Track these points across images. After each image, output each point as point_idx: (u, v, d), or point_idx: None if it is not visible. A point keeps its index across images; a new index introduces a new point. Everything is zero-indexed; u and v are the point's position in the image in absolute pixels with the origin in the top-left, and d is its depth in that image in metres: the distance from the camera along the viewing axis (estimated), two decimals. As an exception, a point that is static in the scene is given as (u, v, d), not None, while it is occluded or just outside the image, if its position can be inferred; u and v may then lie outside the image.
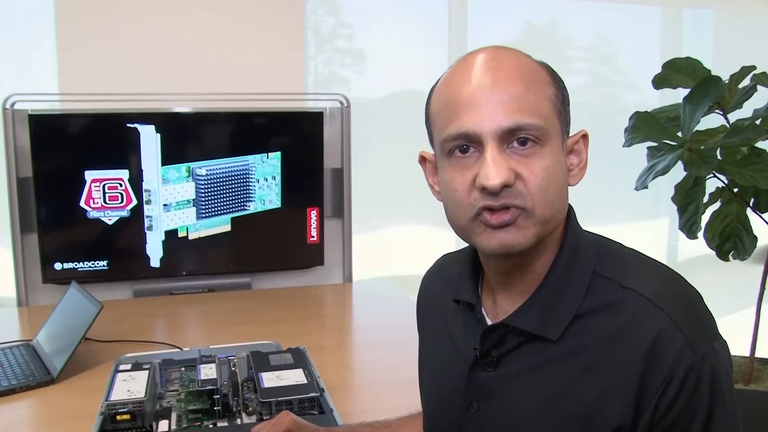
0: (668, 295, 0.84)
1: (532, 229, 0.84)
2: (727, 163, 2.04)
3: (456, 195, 0.86)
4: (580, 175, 0.91)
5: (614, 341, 0.83)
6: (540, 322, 0.87)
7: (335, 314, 2.67)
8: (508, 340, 0.91)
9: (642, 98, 3.41)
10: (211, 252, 2.71)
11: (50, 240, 2.53)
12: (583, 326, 0.86)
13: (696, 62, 2.15)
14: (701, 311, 0.85)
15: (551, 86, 0.87)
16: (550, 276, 0.89)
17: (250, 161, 2.65)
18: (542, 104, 0.84)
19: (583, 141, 0.91)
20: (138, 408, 1.42)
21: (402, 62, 3.12)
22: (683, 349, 0.79)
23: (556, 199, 0.85)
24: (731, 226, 2.16)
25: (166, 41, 2.66)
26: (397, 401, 1.47)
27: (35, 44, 2.63)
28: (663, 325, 0.81)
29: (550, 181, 0.83)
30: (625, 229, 3.43)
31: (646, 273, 0.88)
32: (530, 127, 0.82)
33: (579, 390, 0.84)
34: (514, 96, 0.82)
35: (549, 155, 0.84)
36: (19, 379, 1.80)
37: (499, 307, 0.94)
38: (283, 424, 1.13)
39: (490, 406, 0.93)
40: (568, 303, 0.87)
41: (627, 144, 2.07)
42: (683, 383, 0.79)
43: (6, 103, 2.45)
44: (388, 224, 3.22)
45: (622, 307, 0.84)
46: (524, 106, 0.82)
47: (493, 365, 0.92)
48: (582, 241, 0.91)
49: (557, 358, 0.86)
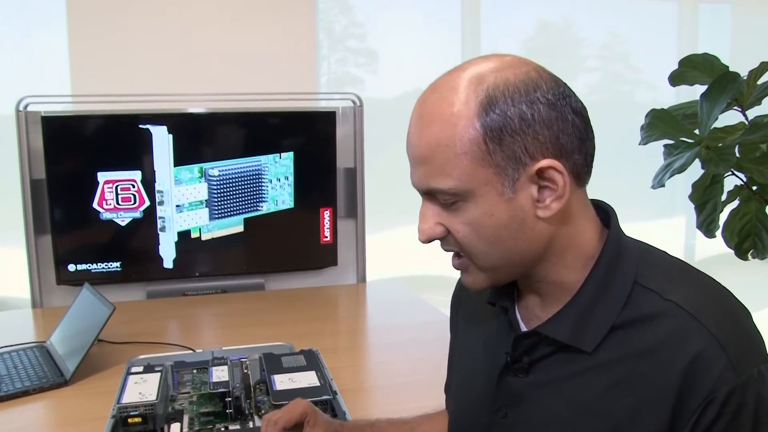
0: (712, 309, 0.80)
1: (481, 275, 0.87)
2: (745, 161, 2.01)
3: None
4: (559, 204, 0.81)
5: (651, 356, 0.79)
6: (574, 332, 0.84)
7: (349, 315, 2.65)
8: (540, 347, 0.88)
9: (656, 96, 3.38)
10: (224, 253, 2.70)
11: (64, 241, 2.53)
12: (620, 338, 0.82)
13: (714, 58, 2.12)
14: (749, 330, 0.81)
15: (474, 128, 0.78)
16: (588, 284, 0.85)
17: (262, 161, 2.64)
18: (452, 163, 0.80)
19: (551, 169, 0.80)
20: (149, 411, 1.41)
21: (415, 61, 3.10)
22: (726, 370, 0.75)
23: (492, 250, 0.83)
24: (750, 224, 2.12)
25: (178, 42, 2.66)
26: (411, 404, 1.45)
27: (47, 46, 2.63)
28: (704, 342, 0.76)
29: (479, 234, 0.82)
30: (641, 228, 3.39)
31: (690, 285, 0.84)
32: (440, 192, 0.82)
33: (611, 404, 0.81)
34: (421, 160, 0.82)
35: (478, 207, 0.81)
36: (33, 380, 1.80)
37: (533, 311, 0.91)
38: (300, 407, 1.10)
39: (519, 412, 0.90)
40: (605, 314, 0.83)
41: (643, 142, 2.04)
42: (723, 406, 0.75)
43: (19, 105, 2.45)
44: (401, 224, 3.20)
45: (662, 321, 0.80)
46: (431, 171, 0.82)
47: (524, 371, 0.90)
48: (624, 249, 0.87)
49: (590, 369, 0.83)
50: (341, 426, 1.14)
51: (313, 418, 1.10)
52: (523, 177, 0.80)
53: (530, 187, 0.81)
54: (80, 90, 2.59)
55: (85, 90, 2.57)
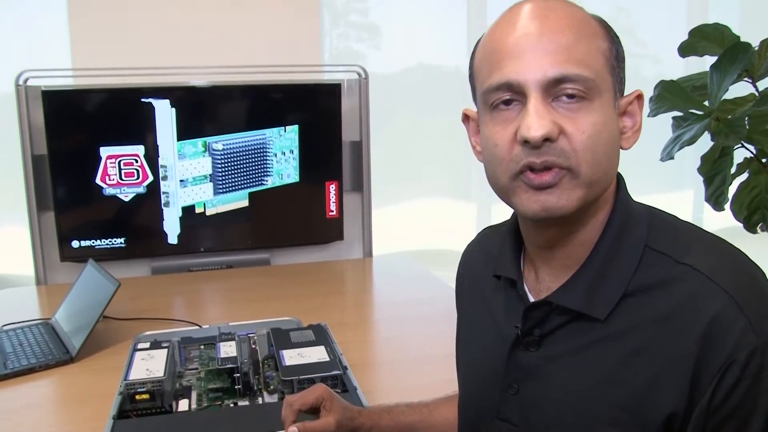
0: (729, 271, 0.78)
1: (577, 191, 0.78)
2: (755, 133, 1.98)
3: (496, 151, 0.80)
4: (634, 139, 0.84)
5: (667, 322, 0.77)
6: (586, 299, 0.82)
7: (355, 290, 2.64)
8: (551, 318, 0.86)
9: (662, 69, 3.34)
10: (229, 228, 2.69)
11: (67, 218, 2.51)
12: (634, 305, 0.80)
13: (725, 28, 2.09)
14: (765, 289, 0.79)
15: (605, 40, 0.81)
16: (598, 249, 0.83)
17: (267, 135, 2.61)
18: (593, 56, 0.78)
19: (637, 102, 0.84)
20: (157, 387, 1.40)
21: (418, 36, 3.06)
22: (745, 332, 0.73)
23: (604, 160, 0.79)
24: (760, 197, 2.10)
25: (180, 14, 2.62)
26: (421, 379, 1.44)
27: (47, 19, 2.58)
28: (722, 304, 0.74)
29: (598, 140, 0.77)
30: (649, 200, 3.34)
31: (704, 247, 0.82)
32: (578, 79, 0.76)
33: (628, 374, 0.79)
34: (562, 45, 0.76)
35: (598, 112, 0.78)
36: (39, 358, 1.79)
37: (542, 283, 0.88)
38: (317, 392, 1.10)
39: (531, 388, 0.88)
40: (617, 279, 0.81)
41: (652, 114, 2.01)
42: (744, 369, 0.73)
43: (19, 79, 2.42)
44: (407, 198, 3.18)
45: (677, 285, 0.78)
46: (573, 56, 0.76)
47: (535, 345, 0.87)
48: (633, 212, 0.85)
49: (604, 339, 0.81)
50: (359, 412, 1.13)
51: (330, 403, 1.09)
52: (621, 102, 0.83)
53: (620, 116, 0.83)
54: (81, 64, 2.55)
55: (86, 64, 2.54)
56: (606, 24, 0.83)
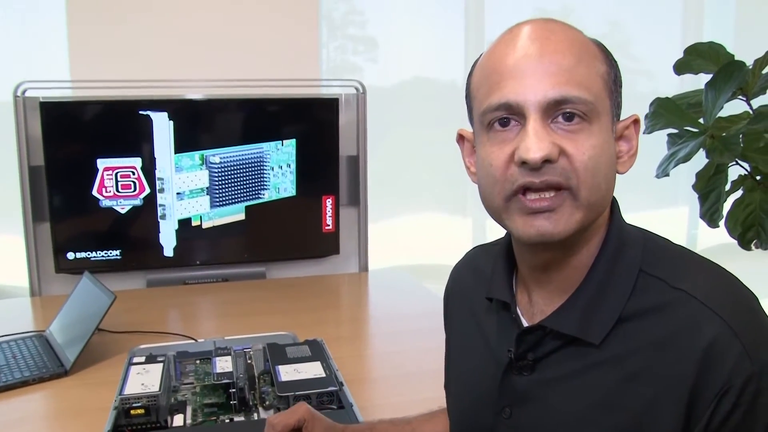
0: (723, 297, 0.78)
1: (576, 215, 0.77)
2: (750, 150, 1.99)
3: (491, 171, 0.79)
4: (630, 163, 0.84)
5: (663, 348, 0.77)
6: (581, 324, 0.82)
7: (351, 304, 2.64)
8: (545, 342, 0.85)
9: (657, 85, 3.36)
10: (225, 241, 2.68)
11: (63, 229, 2.50)
12: (629, 330, 0.80)
13: (719, 47, 2.10)
14: (760, 316, 0.79)
15: (604, 63, 0.81)
16: (593, 273, 0.83)
17: (264, 149, 2.62)
18: (593, 79, 0.78)
19: (634, 126, 0.84)
20: (152, 402, 1.39)
21: (415, 50, 3.07)
22: (741, 358, 0.73)
23: (603, 183, 0.78)
24: (754, 214, 2.11)
25: (178, 27, 2.63)
26: (418, 395, 1.44)
27: (46, 30, 2.59)
28: (718, 330, 0.74)
29: (598, 162, 0.77)
30: (644, 217, 3.38)
31: (699, 272, 0.81)
32: (579, 101, 0.76)
33: (623, 399, 0.79)
34: (563, 67, 0.76)
35: (597, 135, 0.78)
36: (32, 371, 1.78)
37: (536, 306, 0.88)
38: (299, 413, 1.08)
39: (525, 412, 0.87)
40: (611, 304, 0.81)
41: (647, 131, 2.02)
42: (740, 395, 0.73)
43: (17, 90, 2.43)
44: (404, 212, 3.19)
45: (672, 310, 0.78)
46: (573, 78, 0.76)
47: (528, 369, 0.87)
48: (627, 236, 0.85)
49: (600, 364, 0.81)
50: (342, 430, 1.12)
51: (311, 424, 1.08)
52: (617, 126, 0.83)
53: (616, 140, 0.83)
54: (79, 75, 2.56)
55: (85, 75, 2.54)
56: (605, 48, 0.84)
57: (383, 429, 1.16)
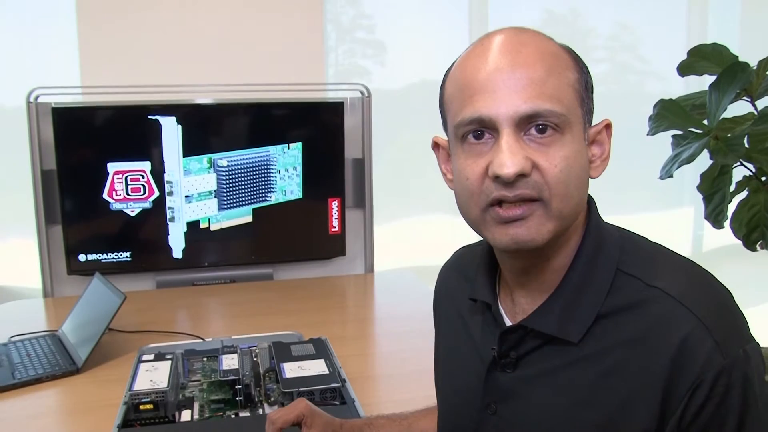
0: (697, 294, 0.79)
1: (548, 225, 0.79)
2: (754, 151, 2.00)
3: (467, 184, 0.81)
4: (603, 167, 0.86)
5: (639, 344, 0.79)
6: (560, 323, 0.83)
7: (357, 305, 2.67)
8: (527, 341, 0.87)
9: (665, 86, 3.36)
10: (233, 243, 2.72)
11: (74, 232, 2.55)
12: (606, 327, 0.82)
13: (723, 48, 2.11)
14: (733, 312, 0.80)
15: (574, 71, 0.82)
16: (571, 274, 0.85)
17: (271, 152, 2.65)
18: (564, 90, 0.79)
19: (606, 131, 0.86)
20: (161, 398, 1.43)
21: (423, 53, 3.10)
22: (713, 353, 0.75)
23: (575, 193, 0.80)
24: (759, 215, 2.12)
25: (186, 33, 2.67)
26: (419, 392, 1.46)
27: (57, 37, 2.64)
28: (691, 327, 0.76)
29: (570, 173, 0.78)
30: (649, 218, 3.39)
31: (674, 270, 0.83)
32: (551, 114, 0.77)
33: (601, 395, 0.81)
34: (533, 80, 0.77)
35: (570, 144, 0.79)
36: (45, 368, 1.82)
37: (518, 305, 0.90)
38: (298, 409, 1.12)
39: (509, 408, 0.89)
40: (589, 303, 0.83)
41: (651, 132, 2.03)
42: (712, 389, 0.74)
43: (29, 96, 2.47)
44: (409, 214, 3.21)
45: (647, 308, 0.79)
46: (544, 91, 0.77)
47: (511, 366, 0.89)
48: (605, 235, 0.87)
49: (579, 361, 0.82)
50: (340, 426, 1.15)
51: (310, 419, 1.11)
52: (590, 132, 0.85)
53: (588, 145, 0.85)
54: (90, 81, 2.60)
55: (95, 81, 2.58)
56: (575, 54, 0.85)
57: (381, 424, 1.19)
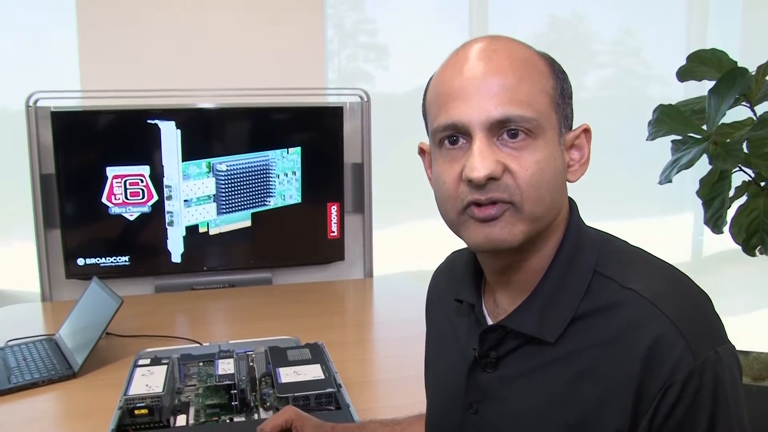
0: (671, 296, 0.80)
1: (520, 226, 0.81)
2: (753, 156, 2.00)
3: (444, 188, 0.84)
4: (582, 171, 0.87)
5: (612, 345, 0.79)
6: (538, 323, 0.84)
7: (355, 310, 2.66)
8: (506, 341, 0.88)
9: (668, 91, 3.35)
10: (232, 247, 2.72)
11: (73, 236, 2.55)
12: (582, 328, 0.82)
13: (722, 53, 2.11)
14: (706, 314, 0.81)
15: (550, 78, 0.83)
16: (549, 275, 0.86)
17: (270, 156, 2.65)
18: (536, 96, 0.81)
19: (584, 135, 0.87)
20: (156, 402, 1.42)
21: (425, 57, 3.10)
22: (684, 355, 0.75)
23: (548, 196, 0.81)
24: (758, 220, 2.11)
25: (186, 37, 2.67)
26: (416, 398, 1.45)
27: (57, 41, 2.64)
28: (663, 328, 0.76)
29: (541, 177, 0.80)
30: (649, 223, 3.38)
31: (650, 273, 0.84)
32: (522, 119, 0.79)
33: (576, 395, 0.81)
34: (505, 86, 0.79)
35: (542, 149, 0.80)
36: (42, 373, 1.82)
37: (500, 306, 0.91)
38: (286, 413, 1.13)
39: (488, 408, 0.90)
40: (566, 304, 0.84)
41: (651, 137, 2.03)
42: (683, 390, 0.75)
43: (29, 100, 2.47)
44: (408, 219, 3.20)
45: (621, 309, 0.80)
46: (516, 97, 0.79)
47: (492, 366, 0.90)
48: (584, 238, 0.88)
49: (555, 361, 0.83)
50: (332, 428, 1.16)
51: (300, 424, 1.13)
52: (567, 137, 0.86)
53: (567, 149, 0.86)
54: (89, 85, 2.61)
55: (95, 85, 2.59)
56: (552, 61, 0.86)
57: (373, 428, 1.20)
